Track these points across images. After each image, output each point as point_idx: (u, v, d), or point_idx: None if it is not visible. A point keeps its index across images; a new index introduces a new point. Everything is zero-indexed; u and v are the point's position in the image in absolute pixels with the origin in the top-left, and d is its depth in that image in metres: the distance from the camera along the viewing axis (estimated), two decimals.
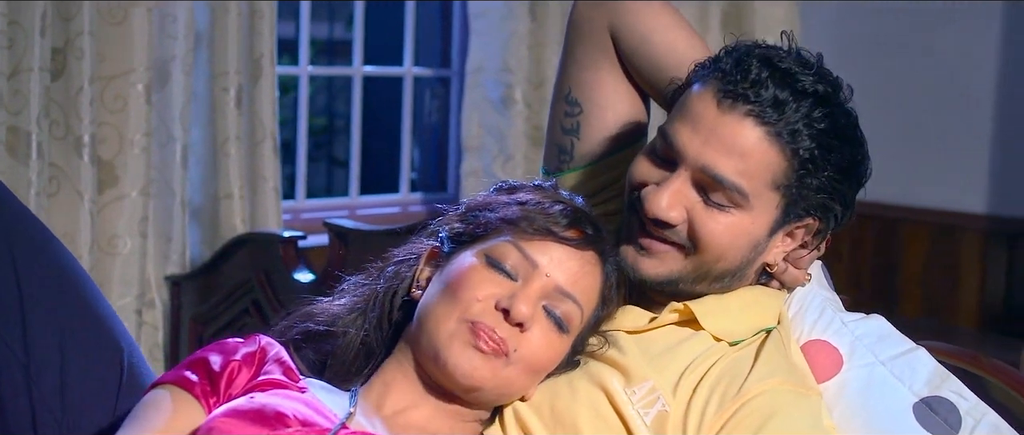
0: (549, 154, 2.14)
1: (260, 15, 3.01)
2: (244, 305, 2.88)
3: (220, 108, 2.98)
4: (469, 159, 3.54)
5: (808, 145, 1.74)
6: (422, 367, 1.75)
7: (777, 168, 1.75)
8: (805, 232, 1.85)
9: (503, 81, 3.49)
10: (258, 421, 1.62)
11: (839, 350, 1.94)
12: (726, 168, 1.74)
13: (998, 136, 4.04)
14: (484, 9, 3.50)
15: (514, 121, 3.50)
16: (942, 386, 1.90)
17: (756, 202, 1.77)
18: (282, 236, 2.83)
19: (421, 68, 3.80)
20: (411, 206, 3.75)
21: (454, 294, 1.72)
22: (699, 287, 1.84)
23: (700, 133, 1.75)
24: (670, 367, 1.80)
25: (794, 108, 1.73)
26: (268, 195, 3.06)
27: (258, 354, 1.78)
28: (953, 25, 4.12)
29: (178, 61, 2.92)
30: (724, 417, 1.74)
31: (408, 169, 3.76)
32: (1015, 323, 3.96)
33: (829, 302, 2.02)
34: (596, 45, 2.06)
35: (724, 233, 1.78)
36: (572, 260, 1.75)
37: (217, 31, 2.97)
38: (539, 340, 1.72)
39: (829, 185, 1.78)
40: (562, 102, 2.10)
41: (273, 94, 3.05)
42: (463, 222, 1.83)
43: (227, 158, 2.99)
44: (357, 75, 3.61)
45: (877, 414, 1.88)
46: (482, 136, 3.53)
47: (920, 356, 1.94)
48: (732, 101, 1.74)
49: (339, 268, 2.70)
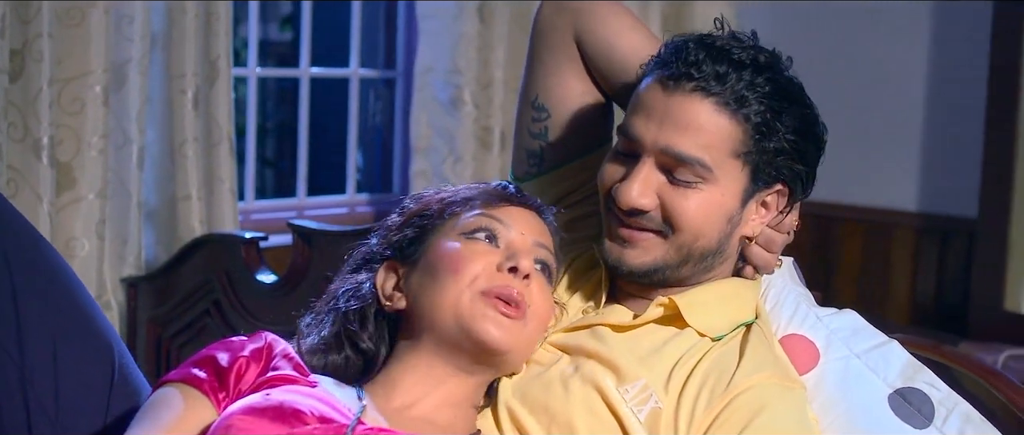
0: (518, 160, 2.17)
1: (216, 17, 3.01)
2: (205, 306, 2.89)
3: (178, 110, 2.98)
4: (418, 160, 3.56)
5: (757, 108, 1.80)
6: (445, 352, 1.80)
7: (733, 136, 1.81)
8: (777, 199, 1.90)
9: (452, 82, 3.52)
10: (276, 418, 1.63)
11: (816, 344, 2.01)
12: (684, 144, 1.80)
13: (928, 135, 4.14)
14: (433, 10, 3.52)
15: (463, 122, 3.53)
16: (915, 377, 1.96)
17: (720, 173, 1.82)
18: (244, 237, 2.84)
19: (367, 70, 3.81)
20: (358, 207, 3.76)
21: (455, 274, 1.79)
22: (684, 271, 1.89)
23: (654, 119, 1.82)
24: (659, 365, 1.85)
25: (736, 77, 1.80)
26: (225, 196, 3.06)
27: (265, 350, 1.80)
28: (884, 26, 4.21)
29: (134, 63, 2.92)
30: (714, 411, 1.79)
31: (354, 170, 3.78)
32: (946, 319, 4.06)
33: (803, 297, 2.09)
34: (561, 51, 2.10)
35: (697, 210, 1.83)
36: (531, 217, 1.88)
37: (174, 33, 2.97)
38: (540, 292, 1.82)
39: (789, 147, 1.84)
40: (529, 108, 2.14)
41: (229, 96, 3.06)
42: (410, 228, 1.90)
43: (185, 159, 2.99)
44: (304, 76, 3.61)
45: (854, 405, 1.94)
46: (431, 137, 3.56)
47: (893, 349, 2.00)
48: (676, 82, 1.81)
49: (304, 269, 2.73)
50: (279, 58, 5.85)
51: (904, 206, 4.19)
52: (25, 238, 1.95)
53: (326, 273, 2.61)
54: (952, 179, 4.08)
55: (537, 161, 2.13)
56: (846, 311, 2.07)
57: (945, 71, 4.10)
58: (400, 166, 3.84)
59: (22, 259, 1.91)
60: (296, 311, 1.96)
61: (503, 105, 3.59)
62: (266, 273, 2.81)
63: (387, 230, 1.93)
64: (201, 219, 3.02)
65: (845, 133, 4.12)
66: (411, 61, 3.73)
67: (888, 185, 4.22)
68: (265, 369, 1.77)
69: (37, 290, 1.91)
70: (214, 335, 2.85)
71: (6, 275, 1.88)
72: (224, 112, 3.04)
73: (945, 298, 4.09)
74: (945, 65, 4.09)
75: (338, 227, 2.76)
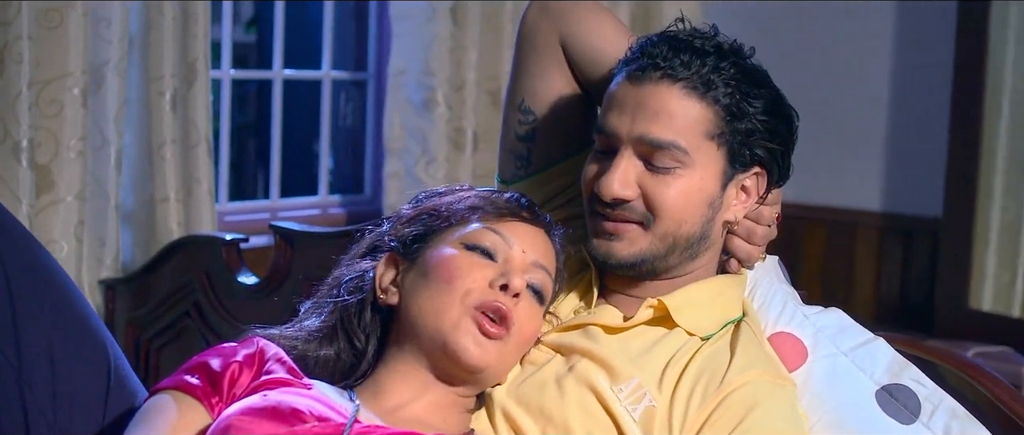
0: (505, 162, 2.20)
1: (194, 19, 3.02)
2: (184, 308, 2.89)
3: (156, 112, 2.98)
4: (391, 161, 3.58)
5: (724, 90, 1.86)
6: (425, 359, 1.82)
7: (704, 118, 1.86)
8: (757, 183, 1.94)
9: (425, 84, 3.54)
10: (275, 418, 1.65)
11: (803, 341, 2.04)
12: (658, 130, 1.85)
13: (892, 135, 4.19)
14: (405, 12, 3.54)
15: (436, 123, 3.55)
16: (901, 374, 2.00)
17: (697, 156, 1.87)
18: (225, 239, 2.84)
19: (339, 71, 3.82)
20: (330, 208, 3.77)
21: (448, 284, 1.80)
22: (671, 259, 1.92)
23: (626, 112, 1.87)
24: (651, 365, 1.88)
25: (700, 63, 1.86)
26: (203, 198, 3.07)
27: (257, 355, 1.81)
28: (848, 25, 4.24)
29: (112, 65, 2.92)
30: (708, 409, 1.83)
31: (326, 171, 3.79)
32: (911, 318, 4.11)
33: (789, 296, 2.12)
34: (548, 54, 2.13)
35: (678, 196, 1.87)
36: (537, 236, 1.88)
37: (152, 35, 2.97)
38: (528, 312, 1.83)
39: (761, 127, 1.89)
40: (516, 111, 2.17)
41: (207, 97, 3.07)
42: (416, 224, 1.92)
43: (163, 162, 3.00)
44: (277, 79, 3.62)
45: (842, 402, 1.97)
46: (404, 138, 3.58)
47: (879, 346, 2.04)
48: (643, 73, 1.87)
49: (286, 270, 2.74)
50: (239, 60, 5.84)
51: (868, 206, 4.23)
52: (20, 241, 1.95)
53: (308, 274, 2.64)
54: (916, 179, 4.12)
55: (524, 163, 2.16)
56: (832, 309, 2.11)
57: (909, 70, 4.14)
58: (371, 167, 3.85)
59: (18, 262, 1.91)
60: (280, 312, 1.98)
61: (475, 107, 3.61)
62: (247, 275, 2.82)
63: (397, 220, 1.95)
64: (179, 221, 3.02)
65: (809, 133, 4.11)
66: (382, 63, 3.75)
67: (852, 185, 4.26)
68: (258, 374, 1.79)
69: (33, 293, 1.91)
70: (194, 337, 2.86)
71: (2, 279, 1.89)
72: (202, 114, 3.05)
73: (909, 297, 4.14)
74: (909, 64, 4.13)
75: (320, 228, 2.77)
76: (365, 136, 3.86)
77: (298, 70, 3.86)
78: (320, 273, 2.64)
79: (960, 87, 3.92)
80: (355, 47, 3.88)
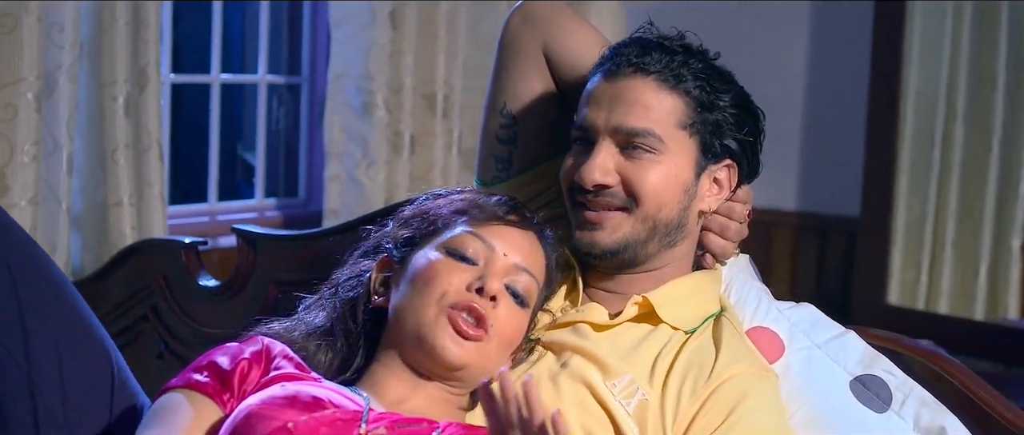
0: (485, 165, 2.28)
1: (146, 24, 3.03)
2: (141, 311, 2.89)
3: (109, 116, 2.99)
4: (332, 164, 3.62)
5: (694, 83, 1.98)
6: (410, 359, 1.87)
7: (677, 108, 1.98)
8: (729, 175, 2.05)
9: (365, 88, 3.58)
10: (296, 405, 1.71)
11: (780, 335, 2.14)
12: (634, 120, 1.96)
13: (808, 135, 4.28)
14: (344, 18, 3.58)
15: (375, 127, 3.60)
16: (873, 365, 2.11)
17: (672, 144, 1.98)
18: (184, 242, 2.86)
19: (274, 75, 3.85)
20: (267, 211, 3.80)
21: (426, 286, 1.85)
22: (651, 247, 2.02)
23: (602, 106, 1.98)
24: (641, 360, 1.97)
25: (669, 59, 1.98)
26: (154, 202, 3.08)
27: (264, 352, 1.86)
28: (764, 24, 4.32)
29: (64, 70, 2.92)
30: (699, 401, 1.93)
31: (263, 175, 3.82)
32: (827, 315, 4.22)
33: (763, 292, 2.23)
34: (530, 62, 2.22)
35: (657, 179, 1.98)
36: (523, 240, 1.93)
37: (104, 39, 2.98)
38: (507, 313, 1.87)
39: (731, 119, 2.01)
40: (497, 115, 2.24)
41: (159, 102, 3.08)
42: (408, 228, 1.98)
43: (116, 166, 3.01)
44: (215, 83, 3.64)
45: (818, 393, 2.08)
46: (345, 142, 3.62)
47: (851, 339, 2.15)
48: (617, 70, 1.98)
49: (248, 273, 2.77)
50: None
51: (784, 205, 4.31)
52: (23, 243, 1.98)
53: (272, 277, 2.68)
54: (833, 178, 4.22)
55: (505, 165, 2.23)
56: (804, 305, 2.21)
57: (826, 70, 4.22)
58: (305, 170, 3.89)
59: (25, 270, 1.94)
60: (242, 314, 2.00)
61: (412, 110, 3.67)
62: (207, 278, 2.84)
63: (398, 222, 2.01)
64: (133, 225, 3.03)
65: None
66: (316, 67, 3.79)
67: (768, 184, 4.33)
68: (267, 370, 1.84)
69: (41, 300, 1.94)
70: (151, 340, 2.87)
71: (10, 287, 1.91)
72: (153, 118, 3.06)
73: (826, 296, 4.22)
74: (825, 63, 4.22)
75: (283, 231, 2.81)
76: (298, 140, 3.89)
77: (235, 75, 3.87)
78: (285, 276, 2.69)
79: (877, 85, 4.03)
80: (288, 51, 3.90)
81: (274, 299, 2.66)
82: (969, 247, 4.63)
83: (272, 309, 2.60)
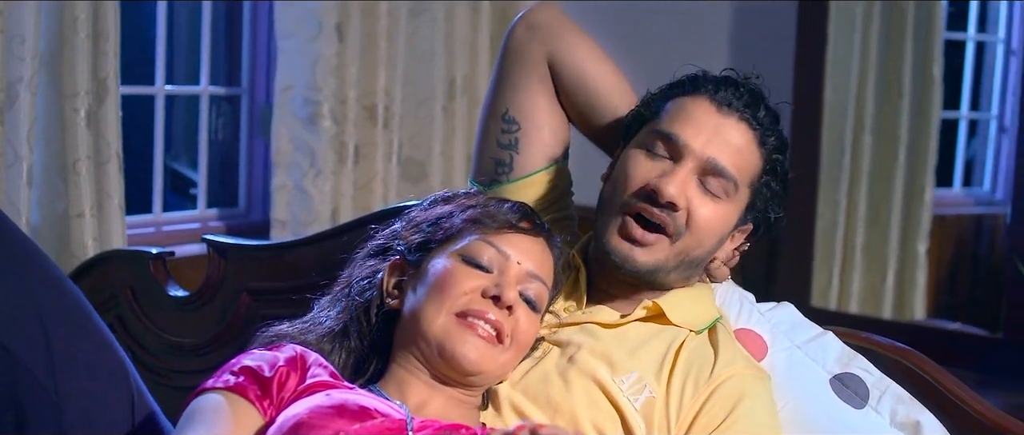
0: (484, 168, 2.33)
1: (105, 36, 3.05)
2: (107, 321, 2.90)
3: (71, 128, 3.01)
4: (279, 174, 3.65)
5: (772, 151, 2.08)
6: (427, 363, 1.91)
7: (755, 168, 2.08)
8: (742, 235, 2.15)
9: (312, 99, 3.63)
10: (345, 415, 1.73)
11: (763, 337, 2.24)
12: (727, 160, 2.04)
13: None
14: (291, 30, 3.62)
15: (322, 137, 3.64)
16: (851, 364, 2.22)
17: (739, 196, 2.07)
18: (152, 253, 2.87)
19: (216, 87, 3.87)
20: (209, 221, 3.82)
21: (441, 292, 1.90)
22: (673, 276, 2.09)
23: (704, 132, 2.05)
24: (648, 358, 2.06)
25: (768, 120, 2.08)
26: (114, 212, 3.10)
27: (299, 359, 1.87)
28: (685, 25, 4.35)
29: (25, 83, 2.93)
30: (701, 398, 2.02)
31: (205, 186, 3.84)
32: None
33: (744, 296, 2.32)
34: (533, 71, 2.29)
35: (713, 218, 2.06)
36: (534, 246, 1.98)
37: (66, 52, 2.99)
38: (523, 321, 1.93)
39: (776, 194, 2.11)
40: (499, 121, 2.31)
41: (117, 113, 3.10)
42: (421, 232, 2.02)
43: (78, 177, 3.02)
44: (160, 94, 3.66)
45: (801, 390, 2.17)
46: (292, 152, 3.65)
47: (829, 339, 2.25)
48: (728, 107, 2.06)
49: (218, 282, 2.79)
50: None
51: None
52: (41, 260, 1.99)
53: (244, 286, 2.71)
54: None
55: (506, 169, 2.30)
56: (783, 305, 2.32)
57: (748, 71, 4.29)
58: (246, 181, 3.91)
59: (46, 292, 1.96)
60: (212, 323, 2.01)
61: (355, 121, 3.71)
62: (176, 288, 2.86)
63: (407, 224, 2.05)
64: (94, 236, 3.05)
65: None
66: (256, 78, 3.82)
67: None
68: (303, 378, 1.85)
69: (64, 321, 1.96)
70: None
71: (33, 310, 1.93)
72: (113, 130, 3.08)
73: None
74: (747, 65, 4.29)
75: (252, 241, 2.84)
76: (239, 151, 3.91)
77: (178, 86, 3.89)
78: (258, 285, 2.72)
79: (800, 87, 4.13)
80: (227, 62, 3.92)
81: (247, 307, 2.68)
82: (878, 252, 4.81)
83: (245, 318, 2.66)
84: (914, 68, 4.74)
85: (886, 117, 4.75)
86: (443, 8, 3.86)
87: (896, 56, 4.72)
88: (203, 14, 3.75)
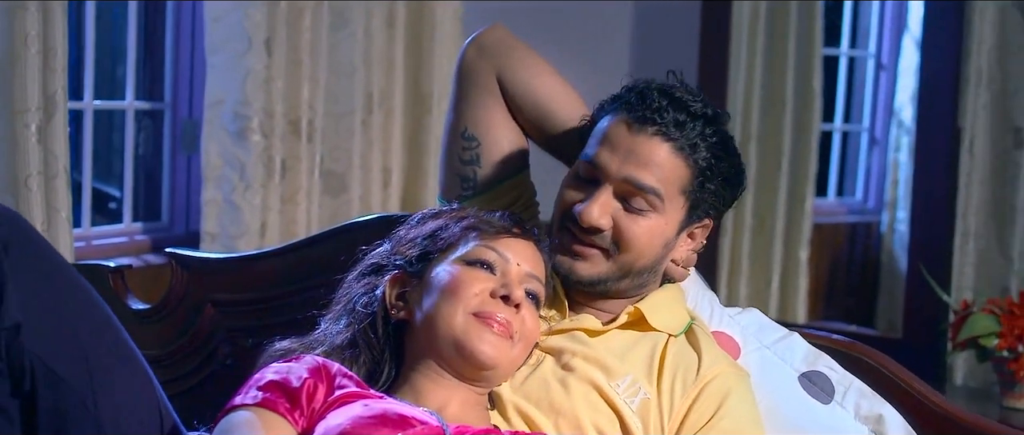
0: (450, 185, 2.45)
1: (53, 52, 3.07)
2: None
3: (22, 143, 3.02)
4: (209, 188, 3.69)
5: (705, 155, 2.17)
6: (446, 364, 2.02)
7: (683, 176, 2.17)
8: (703, 231, 2.28)
9: (242, 114, 3.67)
10: (387, 424, 1.81)
11: (735, 339, 2.39)
12: (645, 177, 2.14)
13: None
14: (220, 45, 3.66)
15: (252, 152, 3.68)
16: (817, 362, 2.37)
17: (668, 206, 2.17)
18: (110, 266, 2.90)
19: (141, 102, 3.89)
20: (135, 235, 3.84)
21: (453, 296, 2.01)
22: (623, 284, 2.21)
23: (618, 153, 2.15)
24: (639, 361, 2.19)
25: (692, 126, 2.16)
26: (62, 227, 3.12)
27: (323, 370, 1.95)
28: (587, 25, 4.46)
29: None
30: (690, 397, 2.16)
31: (131, 201, 3.85)
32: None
33: (713, 300, 2.47)
34: (486, 89, 2.41)
35: (644, 234, 2.17)
36: (528, 249, 2.11)
37: (17, 67, 3.00)
38: (529, 318, 2.06)
39: (720, 190, 2.22)
40: (459, 139, 2.42)
41: (66, 129, 3.12)
42: (418, 246, 2.13)
43: (30, 192, 3.03)
44: (88, 109, 3.67)
45: (773, 388, 2.32)
46: (222, 167, 3.69)
47: (795, 340, 2.41)
48: (641, 125, 2.15)
49: (181, 295, 2.84)
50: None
51: None
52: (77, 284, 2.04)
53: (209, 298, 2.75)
54: None
55: (470, 185, 2.41)
56: (749, 310, 2.47)
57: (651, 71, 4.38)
58: (169, 195, 3.94)
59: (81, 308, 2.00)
60: (172, 336, 2.03)
61: (282, 135, 3.77)
62: (136, 301, 2.89)
63: (399, 242, 2.15)
64: None
65: None
66: (179, 93, 3.85)
67: None
68: (331, 389, 1.93)
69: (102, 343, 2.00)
70: None
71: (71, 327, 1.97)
72: (61, 145, 3.10)
73: None
74: (650, 64, 4.38)
75: (215, 254, 2.89)
76: (161, 165, 3.94)
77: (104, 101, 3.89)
78: (223, 296, 2.77)
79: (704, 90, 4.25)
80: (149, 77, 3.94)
81: (210, 319, 2.73)
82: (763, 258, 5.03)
83: (209, 329, 2.71)
84: (795, 82, 4.97)
85: (770, 128, 4.96)
86: (362, 24, 3.93)
87: (779, 71, 4.93)
88: (129, 30, 3.77)
